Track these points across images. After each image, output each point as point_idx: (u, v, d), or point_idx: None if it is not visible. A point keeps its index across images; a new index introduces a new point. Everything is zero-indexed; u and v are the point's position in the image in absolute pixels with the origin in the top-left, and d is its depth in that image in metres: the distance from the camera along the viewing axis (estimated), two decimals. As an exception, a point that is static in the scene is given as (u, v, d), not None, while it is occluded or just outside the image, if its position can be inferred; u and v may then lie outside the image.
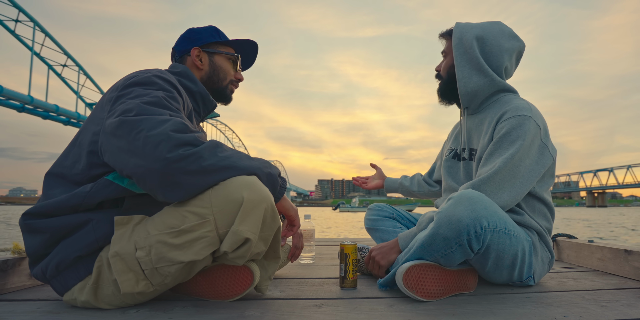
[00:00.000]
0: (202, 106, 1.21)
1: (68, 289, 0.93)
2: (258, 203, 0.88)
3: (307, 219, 1.70)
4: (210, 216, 0.87)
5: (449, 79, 1.33)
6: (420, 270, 1.03)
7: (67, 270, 0.92)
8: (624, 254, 1.36)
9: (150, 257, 0.87)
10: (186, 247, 0.87)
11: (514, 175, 1.12)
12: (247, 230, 0.87)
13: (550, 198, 1.26)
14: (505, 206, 1.12)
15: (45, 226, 0.92)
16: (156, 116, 0.87)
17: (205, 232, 0.87)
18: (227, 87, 1.27)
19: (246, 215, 0.87)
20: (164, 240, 0.87)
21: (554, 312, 0.92)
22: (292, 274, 1.43)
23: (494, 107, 1.28)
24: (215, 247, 0.90)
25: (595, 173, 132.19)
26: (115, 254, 0.89)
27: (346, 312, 0.92)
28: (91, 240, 0.91)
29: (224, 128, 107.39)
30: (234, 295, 0.99)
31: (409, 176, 1.77)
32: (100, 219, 0.93)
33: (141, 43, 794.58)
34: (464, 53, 1.28)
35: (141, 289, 0.90)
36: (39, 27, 37.69)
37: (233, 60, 1.27)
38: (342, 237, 7.64)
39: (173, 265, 0.88)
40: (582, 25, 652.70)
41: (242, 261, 0.93)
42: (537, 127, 1.16)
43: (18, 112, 35.95)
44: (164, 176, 0.83)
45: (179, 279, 0.93)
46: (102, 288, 0.91)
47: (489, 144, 1.21)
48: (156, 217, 0.92)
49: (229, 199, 0.87)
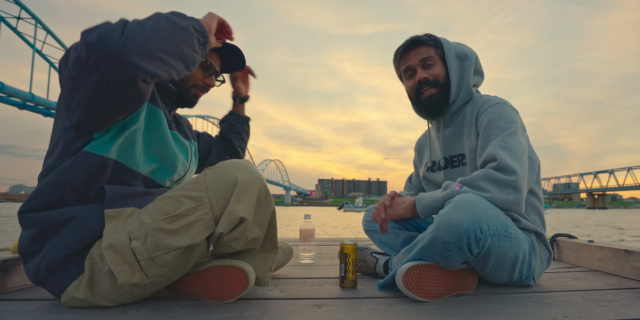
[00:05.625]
0: (167, 96, 1.16)
1: (63, 290, 0.92)
2: (252, 183, 0.92)
3: (307, 219, 1.70)
4: (206, 199, 0.90)
5: (445, 85, 1.29)
6: (420, 270, 1.03)
7: (59, 270, 0.91)
8: (624, 254, 1.36)
9: (146, 246, 0.88)
10: (183, 232, 0.89)
11: (515, 153, 1.11)
12: (242, 209, 0.90)
13: (540, 190, 1.27)
14: (523, 176, 1.08)
15: (33, 221, 0.92)
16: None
17: (202, 215, 0.89)
18: (189, 90, 1.18)
19: (240, 195, 0.90)
20: (159, 227, 0.88)
21: (554, 312, 0.92)
22: (292, 273, 1.43)
23: (464, 109, 1.30)
24: (211, 230, 0.91)
25: (595, 175, 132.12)
26: (108, 246, 0.88)
27: (346, 312, 0.92)
28: (77, 237, 0.91)
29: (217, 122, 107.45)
30: (229, 297, 0.99)
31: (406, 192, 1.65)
32: (84, 215, 0.92)
33: None
34: (456, 58, 1.29)
35: (137, 280, 0.90)
36: (41, 24, 37.69)
37: (201, 64, 1.18)
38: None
39: (170, 253, 0.88)
40: (585, 23, 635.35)
41: (238, 244, 0.94)
42: (514, 110, 1.22)
43: (19, 109, 35.97)
44: (101, 53, 0.80)
45: (175, 270, 0.93)
46: (98, 284, 0.91)
47: (477, 141, 1.22)
48: (150, 206, 0.93)
49: (223, 180, 0.91)
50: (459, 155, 1.30)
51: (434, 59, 1.29)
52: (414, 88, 1.31)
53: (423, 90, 1.29)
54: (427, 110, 1.32)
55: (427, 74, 1.28)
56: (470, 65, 1.30)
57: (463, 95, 1.29)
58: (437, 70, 1.29)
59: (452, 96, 1.28)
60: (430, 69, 1.29)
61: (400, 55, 1.34)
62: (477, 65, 1.33)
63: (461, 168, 1.29)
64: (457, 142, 1.31)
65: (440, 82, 1.28)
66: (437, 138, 1.39)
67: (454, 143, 1.32)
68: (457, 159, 1.30)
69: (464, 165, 1.28)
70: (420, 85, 1.29)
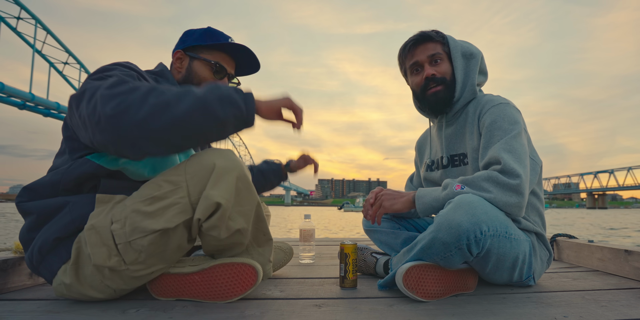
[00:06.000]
0: None
1: (55, 274, 0.94)
2: (230, 169, 0.92)
3: (307, 219, 1.70)
4: (183, 183, 0.90)
5: (452, 83, 1.29)
6: (420, 270, 1.03)
7: (50, 254, 0.93)
8: (624, 254, 1.36)
9: (124, 229, 0.89)
10: (158, 215, 0.89)
11: (519, 156, 1.11)
12: (217, 194, 0.89)
13: (541, 190, 1.27)
14: (527, 180, 1.08)
15: (31, 208, 0.95)
16: (99, 82, 0.88)
17: (178, 199, 0.90)
18: None
19: (217, 181, 0.90)
20: (137, 209, 0.90)
21: (554, 312, 0.92)
22: (292, 273, 1.43)
23: (467, 108, 1.30)
24: (187, 216, 0.91)
25: (595, 174, 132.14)
26: (91, 227, 0.91)
27: (346, 312, 0.92)
28: (67, 221, 0.93)
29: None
30: (234, 296, 0.99)
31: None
32: (77, 201, 0.95)
33: (135, 38, 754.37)
34: (462, 56, 1.29)
35: (112, 264, 0.90)
36: (41, 24, 37.68)
37: (211, 67, 1.18)
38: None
39: (146, 236, 0.89)
40: (585, 23, 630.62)
41: (218, 233, 0.93)
42: (517, 110, 1.22)
43: (19, 109, 35.95)
44: (112, 135, 0.81)
45: (153, 259, 0.93)
46: (82, 267, 0.92)
47: (479, 140, 1.22)
48: (135, 192, 0.95)
49: (200, 165, 0.91)
50: (460, 155, 1.30)
51: (441, 55, 1.28)
52: (420, 84, 1.30)
53: (430, 86, 1.28)
54: (431, 107, 1.31)
55: (435, 70, 1.27)
56: (475, 65, 1.29)
57: (467, 95, 1.29)
58: (444, 67, 1.28)
59: (456, 95, 1.28)
60: (437, 66, 1.28)
61: (408, 50, 1.32)
62: (482, 65, 1.33)
63: (462, 167, 1.29)
64: (459, 141, 1.31)
65: (447, 80, 1.28)
66: (438, 137, 1.39)
67: (455, 142, 1.32)
68: (459, 158, 1.30)
69: (465, 164, 1.28)
70: (427, 82, 1.28)
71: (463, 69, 1.29)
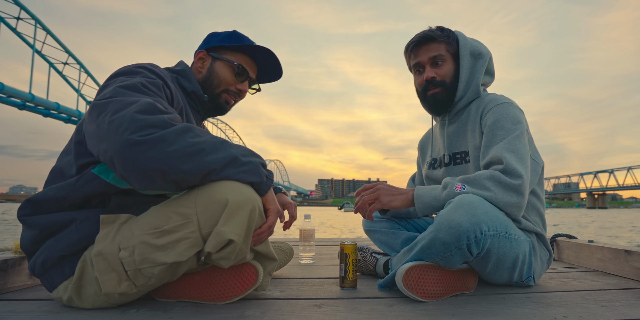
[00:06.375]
0: (199, 105, 1.18)
1: (55, 287, 0.93)
2: (244, 204, 0.87)
3: (307, 219, 1.70)
4: (194, 216, 0.87)
5: (452, 85, 1.28)
6: (420, 270, 1.03)
7: (53, 268, 0.92)
8: (624, 254, 1.36)
9: (133, 257, 0.86)
10: (169, 248, 0.86)
11: (521, 157, 1.11)
12: (230, 231, 0.86)
13: (542, 191, 1.27)
14: (528, 180, 1.08)
15: (35, 223, 0.93)
16: (125, 98, 0.85)
17: (188, 233, 0.87)
18: (220, 95, 1.18)
19: (230, 217, 0.86)
20: (146, 241, 0.86)
21: (554, 312, 0.92)
22: (292, 274, 1.43)
23: (469, 107, 1.30)
24: (198, 248, 0.89)
25: (595, 174, 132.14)
26: (98, 253, 0.88)
27: (346, 312, 0.92)
28: (74, 240, 0.91)
29: (225, 127, 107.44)
30: (235, 296, 0.99)
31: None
32: (84, 218, 0.92)
33: (135, 38, 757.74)
34: (470, 55, 1.28)
35: (123, 289, 0.89)
36: (40, 24, 37.69)
37: (233, 68, 1.17)
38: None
39: (156, 267, 0.87)
40: (585, 23, 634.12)
41: (227, 263, 0.92)
42: (520, 110, 1.23)
43: (19, 109, 35.97)
44: (125, 161, 0.79)
45: (163, 279, 0.92)
46: (85, 287, 0.90)
47: (481, 139, 1.22)
48: (142, 217, 0.92)
49: (212, 199, 0.86)
50: (462, 153, 1.30)
51: (444, 57, 1.28)
52: (422, 84, 1.31)
53: (429, 88, 1.29)
54: (431, 108, 1.33)
55: (435, 73, 1.27)
56: (482, 65, 1.29)
57: (470, 94, 1.28)
58: (445, 69, 1.28)
59: (458, 94, 1.28)
60: (438, 68, 1.28)
61: (410, 51, 1.32)
62: (489, 65, 1.33)
63: (464, 165, 1.29)
64: (460, 139, 1.31)
65: (447, 82, 1.28)
66: (440, 135, 1.39)
67: (457, 140, 1.32)
68: (460, 156, 1.30)
69: (467, 162, 1.28)
70: (427, 84, 1.29)
71: (469, 68, 1.28)
